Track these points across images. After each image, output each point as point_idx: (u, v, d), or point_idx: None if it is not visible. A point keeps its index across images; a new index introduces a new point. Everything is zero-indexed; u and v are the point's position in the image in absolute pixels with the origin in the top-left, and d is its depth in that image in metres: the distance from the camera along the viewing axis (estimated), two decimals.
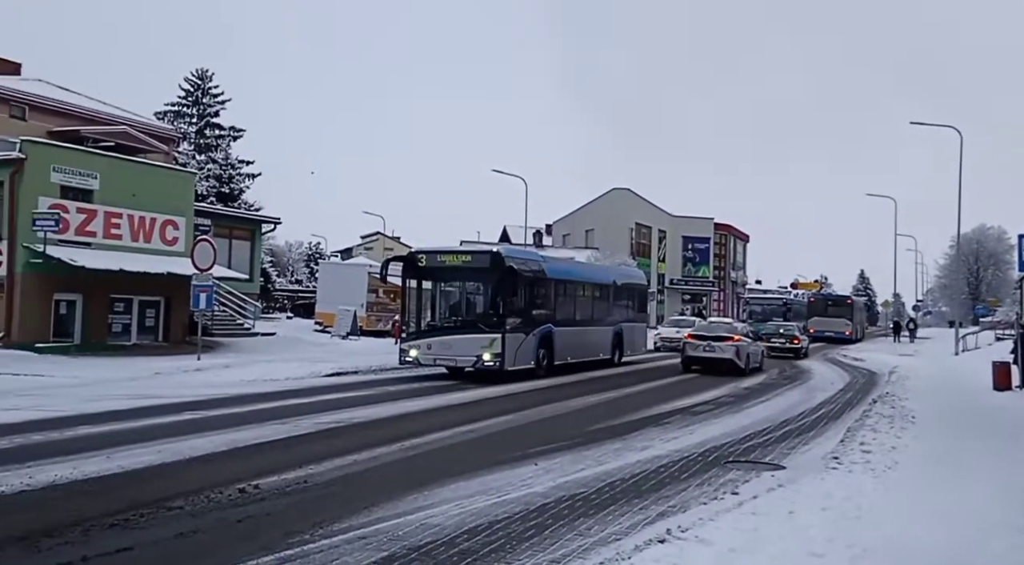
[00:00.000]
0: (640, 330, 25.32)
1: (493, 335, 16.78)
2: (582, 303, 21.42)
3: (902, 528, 6.02)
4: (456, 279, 18.55)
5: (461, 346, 16.96)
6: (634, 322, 24.70)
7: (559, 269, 20.50)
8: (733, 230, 73.68)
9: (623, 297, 24.24)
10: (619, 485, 7.71)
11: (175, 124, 43.55)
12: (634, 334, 24.58)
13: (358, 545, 5.54)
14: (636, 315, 25.12)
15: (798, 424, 12.45)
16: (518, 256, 18.32)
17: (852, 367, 26.54)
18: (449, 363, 17.35)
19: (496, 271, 17.01)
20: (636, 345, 24.84)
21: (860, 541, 5.58)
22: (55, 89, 27.68)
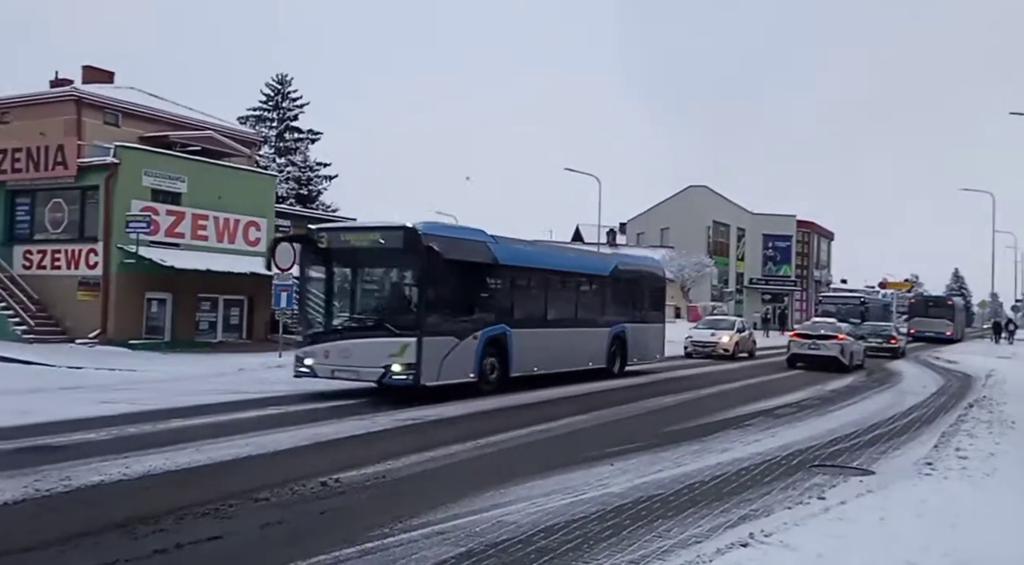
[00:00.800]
0: (653, 333, 20.92)
1: (405, 339, 12.35)
2: (558, 298, 17.15)
3: (1004, 538, 5.69)
4: (366, 264, 14.22)
5: (363, 353, 12.59)
6: (643, 323, 20.26)
7: (519, 254, 15.89)
8: (817, 227, 71.38)
9: (626, 292, 19.83)
10: (698, 487, 7.54)
11: (257, 128, 45.18)
12: (644, 337, 20.14)
13: (436, 540, 5.58)
14: (647, 314, 20.67)
15: (888, 428, 11.94)
16: (446, 235, 13.65)
17: (945, 370, 25.34)
18: (349, 376, 12.94)
19: (411, 254, 12.70)
20: (647, 350, 20.54)
21: (957, 550, 5.28)
22: (146, 96, 28.93)
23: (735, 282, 62.36)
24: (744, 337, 28.14)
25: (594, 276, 18.70)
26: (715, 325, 28.63)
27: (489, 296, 14.96)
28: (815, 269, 71.12)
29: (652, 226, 62.25)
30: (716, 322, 29.65)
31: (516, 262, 15.42)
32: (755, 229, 63.85)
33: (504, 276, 15.16)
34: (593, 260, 20.70)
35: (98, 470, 7.39)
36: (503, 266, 14.90)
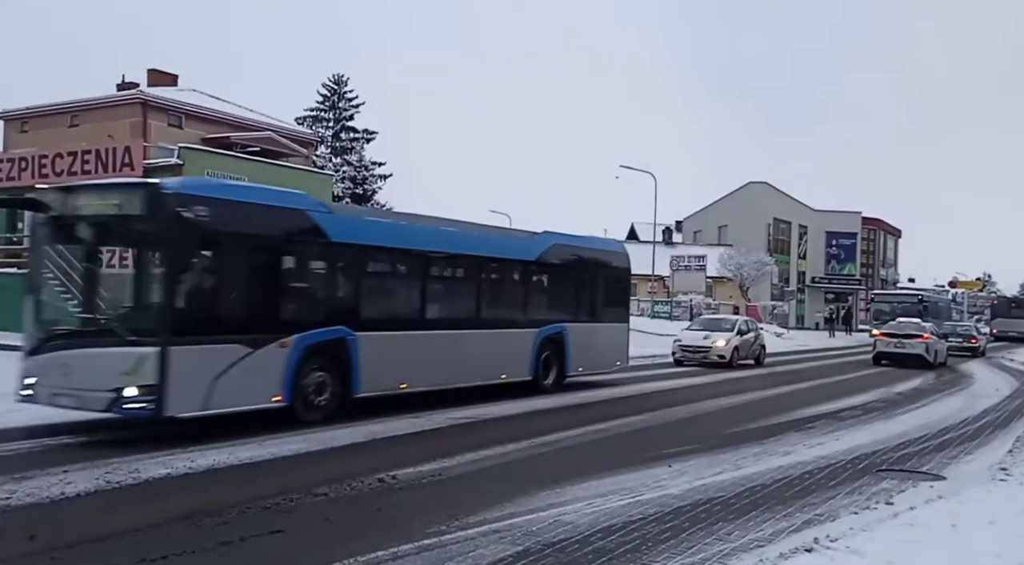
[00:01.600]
0: (610, 334, 16.26)
1: (140, 349, 8.48)
2: (446, 291, 13.21)
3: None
4: (102, 239, 9.76)
5: (86, 370, 8.62)
6: (594, 322, 15.77)
7: (368, 229, 11.66)
8: (883, 224, 69.22)
9: (566, 282, 15.56)
10: (760, 490, 7.40)
11: (313, 128, 46.01)
12: (595, 340, 15.64)
13: (493, 538, 5.61)
14: (600, 311, 16.13)
15: (959, 432, 11.52)
16: (223, 196, 9.38)
17: (1020, 372, 24.32)
18: (71, 402, 8.88)
19: (154, 222, 8.72)
20: (601, 357, 16.04)
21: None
22: (208, 98, 29.76)
23: (796, 281, 60.88)
24: (747, 341, 23.13)
25: (508, 261, 13.97)
26: (711, 326, 23.67)
27: (316, 287, 11.02)
28: (881, 267, 68.96)
29: (710, 224, 61.19)
30: (713, 322, 24.52)
31: (364, 240, 11.22)
32: (818, 226, 62.20)
33: (345, 259, 11.07)
34: (505, 240, 14.63)
35: (165, 463, 7.60)
36: (340, 245, 10.81)
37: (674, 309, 41.93)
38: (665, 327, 36.92)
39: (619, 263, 17.20)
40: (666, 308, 42.17)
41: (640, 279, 47.65)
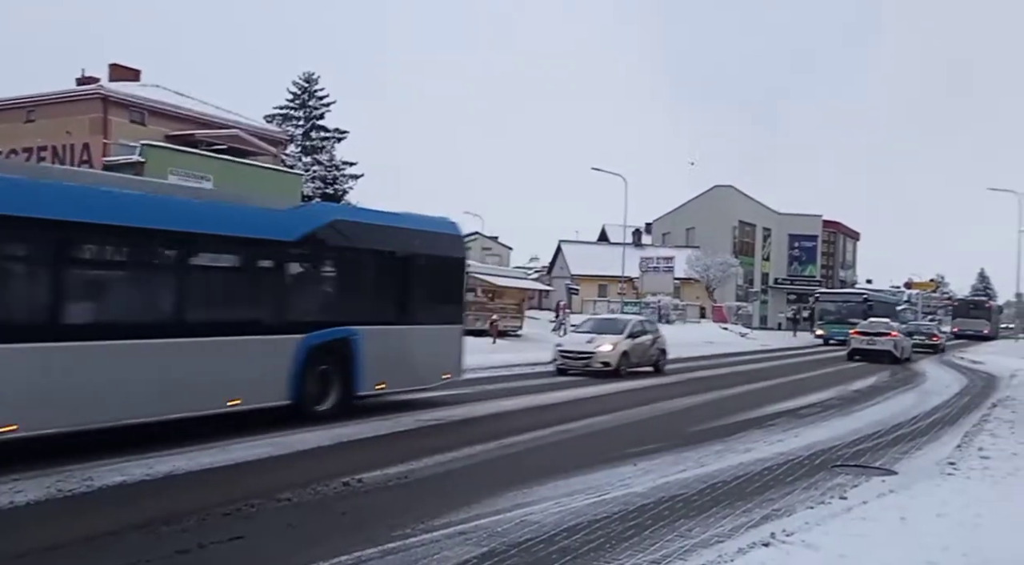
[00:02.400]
0: (436, 340, 12.52)
1: None
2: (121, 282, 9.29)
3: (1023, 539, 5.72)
4: None
5: None
6: (406, 325, 12.05)
7: None
8: (842, 228, 70.77)
9: (357, 274, 11.87)
10: (721, 487, 7.62)
11: (283, 127, 45.31)
12: (409, 348, 12.00)
13: (458, 540, 5.66)
14: (418, 311, 12.27)
15: (911, 428, 11.95)
16: None
17: (970, 370, 25.18)
18: None
19: None
20: (418, 369, 12.20)
21: (978, 550, 5.34)
22: (172, 94, 28.89)
23: (760, 282, 61.95)
24: (641, 345, 19.61)
25: (244, 242, 9.95)
26: (600, 327, 20.01)
27: None
28: (840, 269, 70.46)
29: (678, 226, 62.01)
30: (604, 323, 20.72)
31: None
32: (781, 229, 63.41)
33: None
34: (244, 213, 10.27)
35: (121, 471, 7.37)
36: None
37: (643, 309, 42.39)
38: None
39: (447, 248, 12.91)
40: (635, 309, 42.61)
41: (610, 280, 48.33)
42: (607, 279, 49.46)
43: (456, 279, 13.29)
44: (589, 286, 50.59)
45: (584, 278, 50.73)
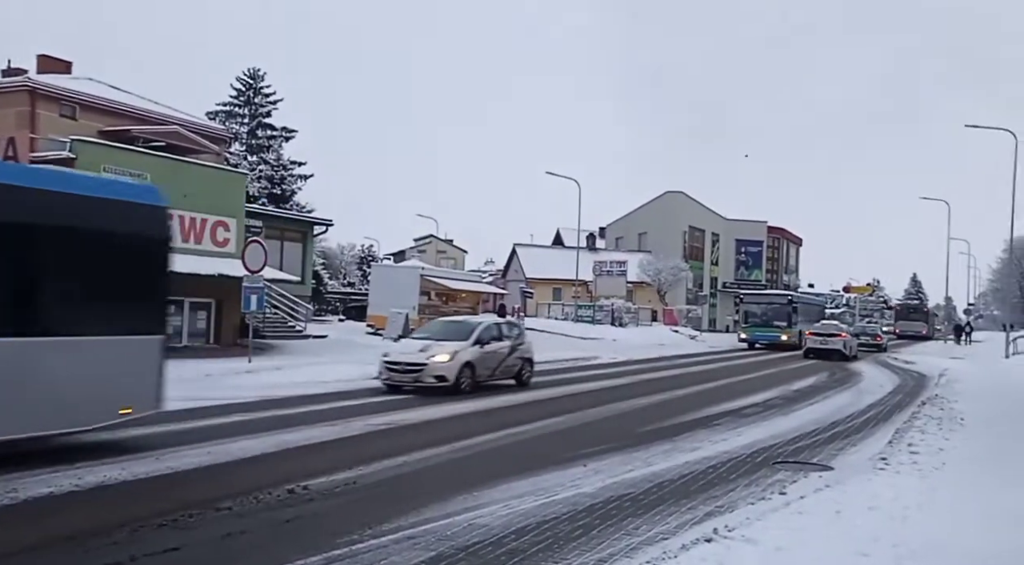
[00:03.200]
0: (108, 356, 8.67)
1: None
2: None
3: (948, 529, 6.04)
4: None
5: None
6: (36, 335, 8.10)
7: None
8: (786, 234, 72.62)
9: None
10: (667, 486, 7.83)
11: (227, 124, 43.86)
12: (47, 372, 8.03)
13: (406, 545, 5.65)
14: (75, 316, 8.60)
15: (847, 426, 12.40)
16: None
17: (903, 370, 26.07)
18: None
19: None
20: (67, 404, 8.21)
21: (906, 541, 5.63)
22: (106, 88, 27.51)
23: (709, 286, 63.16)
24: (494, 353, 16.07)
25: None
26: (441, 333, 16.43)
27: None
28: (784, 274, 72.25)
29: (631, 230, 62.83)
30: (447, 328, 16.99)
31: None
32: (728, 234, 64.78)
33: None
34: None
35: (47, 482, 7.10)
36: None
37: (597, 313, 42.88)
38: (588, 331, 37.81)
39: (139, 224, 9.25)
40: (589, 312, 43.10)
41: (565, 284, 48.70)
42: (562, 282, 49.86)
43: (152, 269, 9.45)
44: (544, 289, 50.94)
45: (539, 281, 51.04)
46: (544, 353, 25.19)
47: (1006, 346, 32.32)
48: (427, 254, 60.17)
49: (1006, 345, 32.40)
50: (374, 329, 31.71)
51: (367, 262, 65.12)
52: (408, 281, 31.89)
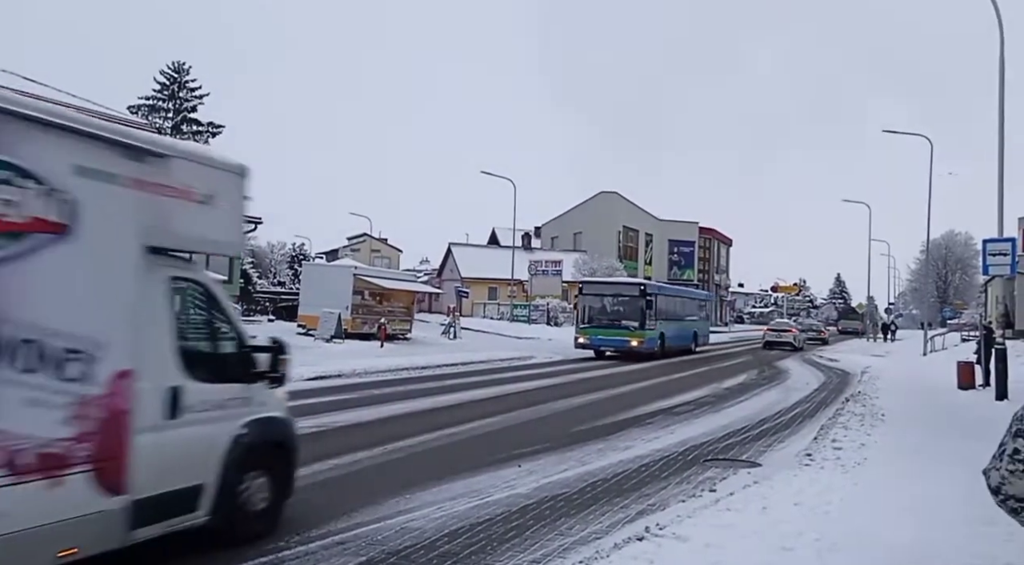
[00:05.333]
0: None
1: None
2: None
3: (869, 521, 6.26)
4: None
5: None
6: None
7: None
8: (717, 234, 74.44)
9: None
10: (601, 485, 7.89)
11: (150, 119, 42.96)
12: None
13: (336, 551, 5.56)
14: None
15: (775, 423, 12.75)
16: None
17: (827, 368, 26.94)
18: None
19: None
20: None
21: (829, 534, 5.81)
22: (19, 80, 26.67)
23: None
24: None
25: None
26: None
27: None
28: (715, 274, 74.07)
29: (566, 230, 63.35)
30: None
31: None
32: (661, 235, 66.01)
33: None
34: None
35: None
36: None
37: (532, 312, 43.02)
38: (523, 330, 37.93)
39: None
40: (524, 311, 43.22)
41: (501, 283, 48.75)
42: (497, 282, 49.92)
43: None
44: (479, 289, 50.91)
45: (474, 281, 50.98)
46: (479, 353, 25.22)
47: (924, 344, 33.56)
48: (361, 253, 59.44)
49: (924, 343, 33.68)
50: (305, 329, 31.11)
51: (298, 261, 64.03)
52: (341, 280, 31.35)
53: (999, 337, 15.79)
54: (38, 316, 4.16)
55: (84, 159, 4.41)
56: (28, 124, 4.15)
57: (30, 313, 4.12)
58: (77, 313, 4.37)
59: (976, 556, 5.38)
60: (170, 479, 4.97)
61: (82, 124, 4.52)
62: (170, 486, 4.98)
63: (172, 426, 4.98)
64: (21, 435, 4.07)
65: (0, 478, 3.98)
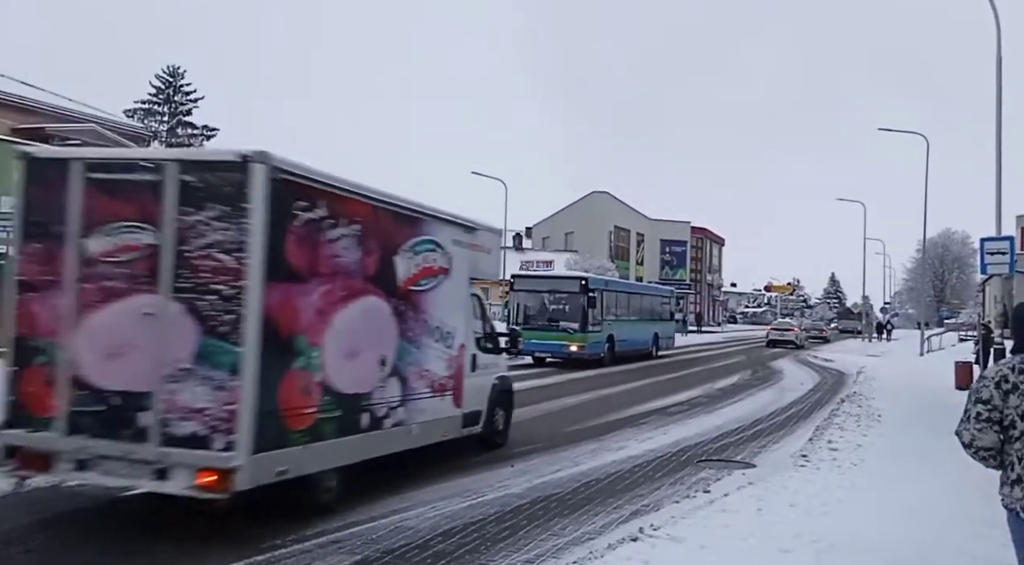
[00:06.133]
0: None
1: None
2: None
3: (866, 523, 6.20)
4: None
5: None
6: None
7: None
8: (709, 234, 74.47)
9: None
10: (594, 485, 7.83)
11: (145, 122, 43.06)
12: None
13: (331, 549, 5.55)
14: None
15: (769, 423, 12.69)
16: None
17: (822, 368, 26.92)
18: None
19: None
20: None
21: (826, 536, 5.74)
22: (18, 84, 26.89)
23: None
24: None
25: None
26: None
27: None
28: (708, 273, 74.11)
29: (557, 230, 63.22)
30: None
31: None
32: (653, 234, 65.95)
33: None
34: None
35: None
36: None
37: None
38: None
39: None
40: None
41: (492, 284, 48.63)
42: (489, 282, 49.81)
43: None
44: None
45: None
46: None
47: (921, 344, 33.38)
48: None
49: (921, 343, 33.54)
50: None
51: None
52: None
53: (998, 337, 15.74)
54: (441, 315, 7.99)
55: (454, 235, 8.37)
56: (440, 221, 8.05)
57: (438, 314, 7.95)
58: (451, 314, 8.23)
59: (975, 558, 5.32)
60: (473, 404, 8.91)
61: (454, 218, 8.46)
62: (472, 408, 8.92)
63: (474, 376, 8.91)
64: (436, 374, 7.97)
65: (428, 394, 7.81)
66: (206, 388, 5.40)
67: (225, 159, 5.68)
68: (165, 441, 5.43)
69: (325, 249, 6.20)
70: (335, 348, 6.30)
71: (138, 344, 5.53)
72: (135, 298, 5.59)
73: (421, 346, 7.64)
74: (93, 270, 5.69)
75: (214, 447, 5.37)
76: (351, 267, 6.54)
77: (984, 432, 3.29)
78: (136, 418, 5.48)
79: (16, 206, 6.10)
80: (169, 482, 5.50)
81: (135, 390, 5.50)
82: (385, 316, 7.07)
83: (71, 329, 5.64)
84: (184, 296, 5.50)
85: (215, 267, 5.48)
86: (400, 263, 7.25)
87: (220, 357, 5.41)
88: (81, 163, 5.84)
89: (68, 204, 5.72)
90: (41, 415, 5.66)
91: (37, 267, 5.83)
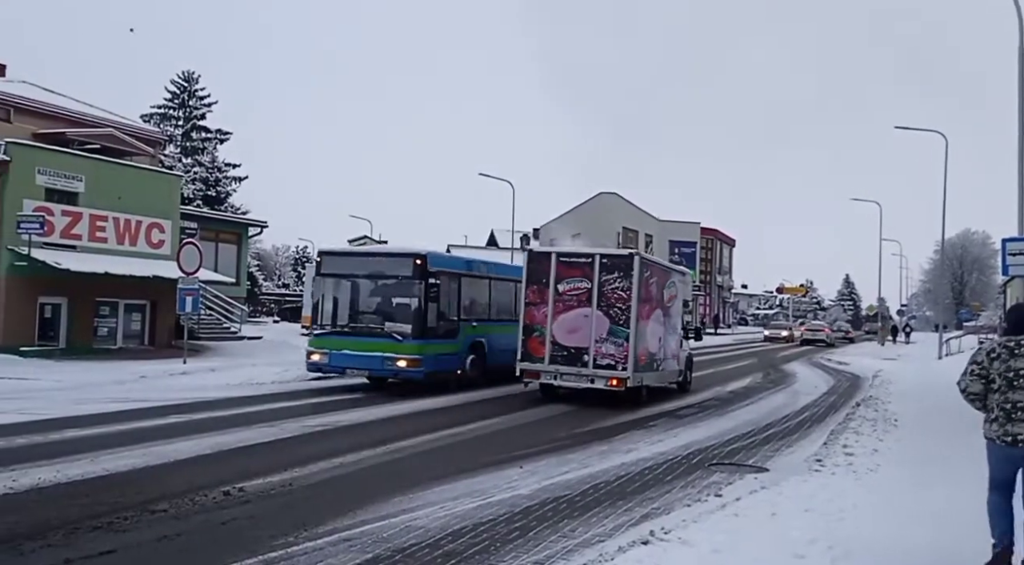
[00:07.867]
0: None
1: None
2: None
3: (883, 529, 6.11)
4: None
5: None
6: None
7: None
8: (720, 234, 74.10)
9: None
10: (604, 487, 7.75)
11: (161, 127, 43.44)
12: None
13: (342, 547, 5.56)
14: None
15: (782, 427, 12.54)
16: None
17: (836, 371, 26.64)
18: None
19: None
20: None
21: (841, 542, 5.65)
22: (40, 91, 27.47)
23: None
24: None
25: None
26: None
27: None
28: (718, 275, 73.77)
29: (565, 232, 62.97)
30: None
31: None
32: (662, 235, 65.71)
33: None
34: None
35: None
36: None
37: None
38: None
39: None
40: None
41: None
42: None
43: None
44: None
45: None
46: None
47: (939, 347, 32.94)
48: None
49: (939, 346, 33.07)
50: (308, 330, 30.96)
51: (302, 263, 64.22)
52: None
53: None
54: (675, 319, 16.23)
55: (679, 277, 16.89)
56: (674, 271, 16.81)
57: (675, 318, 16.19)
58: (678, 318, 16.41)
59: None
60: (682, 365, 17.14)
61: (676, 268, 17.82)
62: (682, 367, 17.10)
63: (681, 351, 16.92)
64: (674, 348, 16.16)
65: (672, 357, 16.03)
66: (613, 346, 13.52)
67: (621, 253, 14.31)
68: (595, 367, 13.54)
69: (651, 289, 14.35)
70: (648, 333, 14.34)
71: (582, 328, 13.67)
72: (581, 309, 13.70)
73: (670, 334, 15.72)
74: (561, 297, 13.86)
75: (618, 369, 13.48)
76: (655, 296, 14.65)
77: (974, 383, 5.43)
78: (582, 358, 13.66)
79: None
80: (596, 385, 13.70)
81: (581, 346, 13.66)
82: (660, 318, 15.03)
83: (550, 322, 13.83)
84: (603, 308, 13.60)
85: (617, 297, 13.58)
86: (664, 292, 15.30)
87: (619, 334, 13.50)
88: (555, 253, 14.28)
89: (549, 270, 13.93)
90: (537, 356, 13.96)
91: (533, 296, 14.07)
